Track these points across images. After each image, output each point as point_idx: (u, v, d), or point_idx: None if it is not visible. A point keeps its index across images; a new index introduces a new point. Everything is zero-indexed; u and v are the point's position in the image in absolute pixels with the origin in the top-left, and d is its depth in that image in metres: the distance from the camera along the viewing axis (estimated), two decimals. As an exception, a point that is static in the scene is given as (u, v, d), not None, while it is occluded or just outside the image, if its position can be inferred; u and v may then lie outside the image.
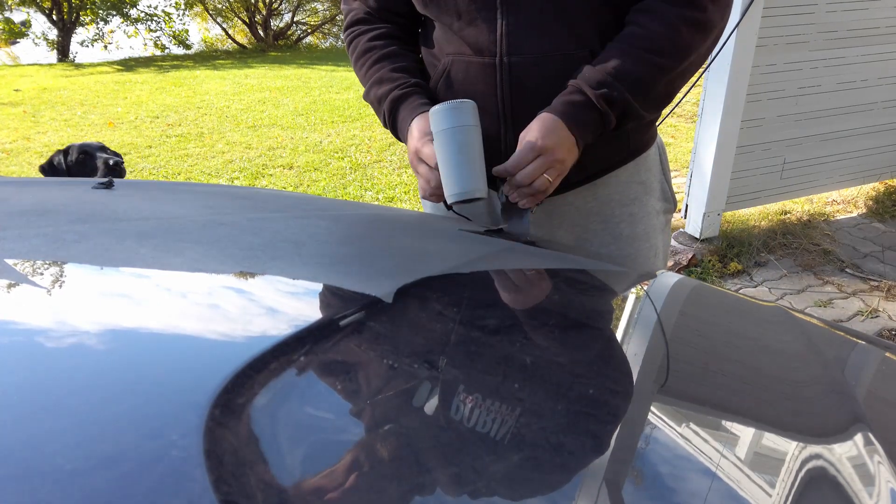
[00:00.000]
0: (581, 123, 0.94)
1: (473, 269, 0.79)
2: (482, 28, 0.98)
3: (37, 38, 13.71)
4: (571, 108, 0.94)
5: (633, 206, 1.12)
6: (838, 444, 0.56)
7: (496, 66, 0.99)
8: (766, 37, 2.85)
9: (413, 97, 1.04)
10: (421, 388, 0.50)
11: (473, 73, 1.01)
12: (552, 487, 0.43)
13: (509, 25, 0.97)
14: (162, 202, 0.92)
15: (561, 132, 0.93)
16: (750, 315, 0.86)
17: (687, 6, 0.93)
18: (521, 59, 0.98)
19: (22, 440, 0.39)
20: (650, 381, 0.59)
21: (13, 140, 5.51)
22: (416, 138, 0.99)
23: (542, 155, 0.93)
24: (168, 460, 0.38)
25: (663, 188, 1.17)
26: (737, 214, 3.43)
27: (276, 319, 0.58)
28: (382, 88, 1.07)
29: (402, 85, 1.05)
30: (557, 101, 0.95)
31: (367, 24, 1.13)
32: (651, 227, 1.15)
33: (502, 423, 0.47)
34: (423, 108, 1.01)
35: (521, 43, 0.97)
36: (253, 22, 14.11)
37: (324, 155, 4.95)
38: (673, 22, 0.93)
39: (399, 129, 1.07)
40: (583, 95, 0.94)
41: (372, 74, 1.09)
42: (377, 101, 1.09)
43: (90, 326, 0.53)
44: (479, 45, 0.99)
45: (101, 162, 2.35)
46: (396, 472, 0.42)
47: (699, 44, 0.95)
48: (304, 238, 0.79)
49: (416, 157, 1.00)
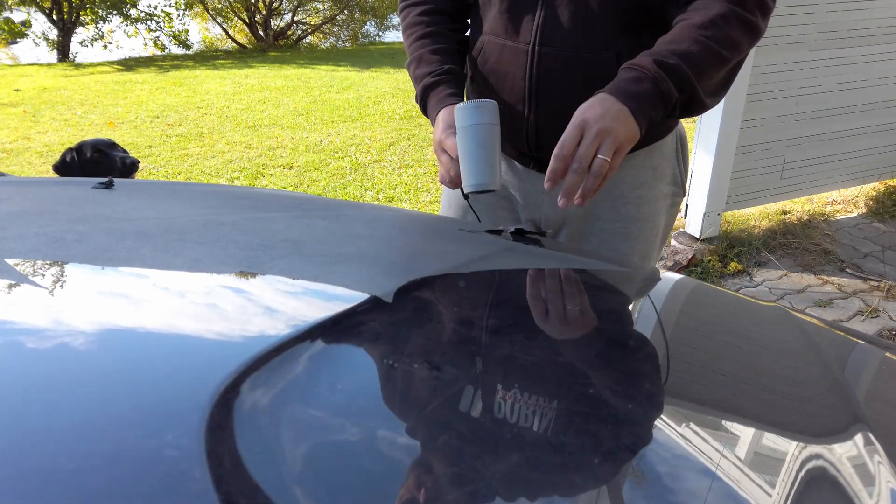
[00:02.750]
0: (633, 94, 0.91)
1: (473, 269, 0.79)
2: (522, 16, 1.06)
3: (37, 38, 13.70)
4: (621, 82, 0.93)
5: (642, 189, 1.16)
6: (838, 444, 0.56)
7: (528, 53, 1.06)
8: (766, 37, 2.83)
9: (442, 86, 1.11)
10: (421, 388, 0.50)
11: (507, 55, 1.09)
12: (552, 487, 0.43)
13: (546, 18, 1.04)
14: (162, 202, 0.92)
15: (605, 102, 0.91)
16: (750, 315, 0.86)
17: (739, 4, 0.96)
18: (551, 50, 1.05)
19: (22, 440, 0.39)
20: (650, 381, 0.59)
21: (13, 140, 5.51)
22: (440, 129, 1.06)
23: (585, 129, 0.90)
24: (168, 460, 0.38)
25: (675, 174, 1.20)
26: (737, 214, 3.43)
27: (276, 319, 0.58)
28: (420, 69, 1.14)
29: (435, 72, 1.12)
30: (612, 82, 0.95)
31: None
32: (657, 209, 1.19)
33: (502, 422, 0.47)
34: (450, 99, 1.08)
35: (553, 36, 1.04)
36: (253, 22, 14.11)
37: (324, 155, 4.95)
38: (730, 18, 0.95)
39: (428, 114, 1.14)
40: (633, 69, 0.93)
41: (415, 50, 1.16)
42: (415, 79, 1.16)
43: (90, 326, 0.53)
44: (517, 31, 1.07)
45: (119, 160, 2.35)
46: (396, 472, 0.42)
47: (746, 44, 0.97)
48: (304, 238, 0.79)
49: (440, 147, 1.06)
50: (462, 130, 0.98)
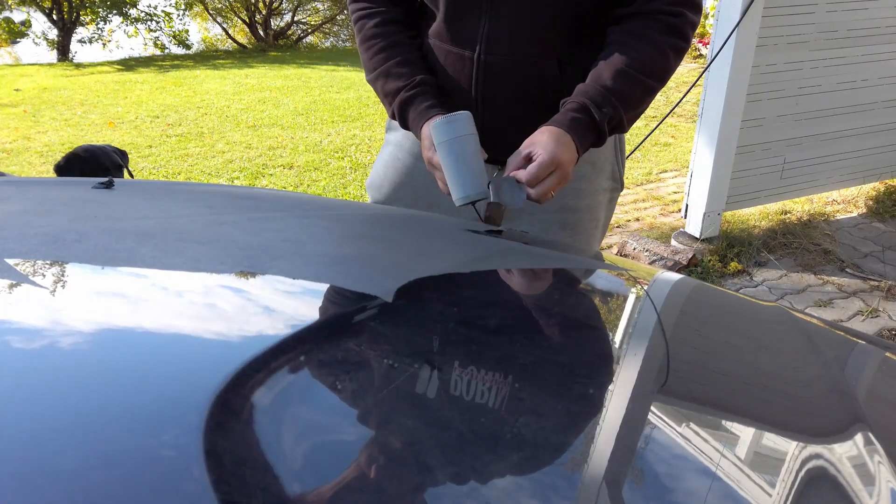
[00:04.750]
0: (585, 140, 1.02)
1: (473, 268, 0.79)
2: (467, 24, 1.09)
3: (37, 38, 13.72)
4: (579, 125, 1.01)
5: (580, 182, 1.21)
6: (838, 444, 0.56)
7: (473, 61, 1.10)
8: (766, 37, 2.85)
9: (420, 98, 1.11)
10: (420, 388, 0.50)
11: (451, 60, 1.12)
12: (552, 487, 0.43)
13: (491, 27, 1.07)
14: (162, 202, 0.92)
15: (571, 147, 1.00)
16: (750, 315, 0.86)
17: (676, 36, 1.04)
18: (496, 58, 1.09)
19: (22, 440, 0.39)
20: (650, 381, 0.59)
21: (13, 140, 5.51)
22: (426, 147, 1.07)
23: (558, 169, 0.99)
24: (168, 460, 0.38)
25: (613, 170, 1.26)
26: (737, 214, 3.43)
27: (276, 319, 0.58)
28: (391, 84, 1.14)
29: (408, 85, 1.12)
30: (565, 117, 1.02)
31: (372, 4, 1.18)
32: (596, 202, 1.25)
33: (502, 422, 0.47)
34: (431, 111, 1.09)
35: (497, 44, 1.08)
36: (253, 21, 14.11)
37: (324, 155, 4.95)
38: (665, 50, 1.04)
39: (410, 128, 1.15)
40: (588, 114, 1.02)
41: (378, 64, 1.15)
42: (385, 94, 1.16)
43: (90, 326, 0.53)
44: (461, 39, 1.10)
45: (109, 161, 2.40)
46: (396, 472, 0.42)
47: (676, 68, 1.07)
48: (305, 238, 0.79)
49: (430, 164, 1.08)
50: (441, 147, 1.00)
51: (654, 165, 4.45)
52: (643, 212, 3.71)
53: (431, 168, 1.08)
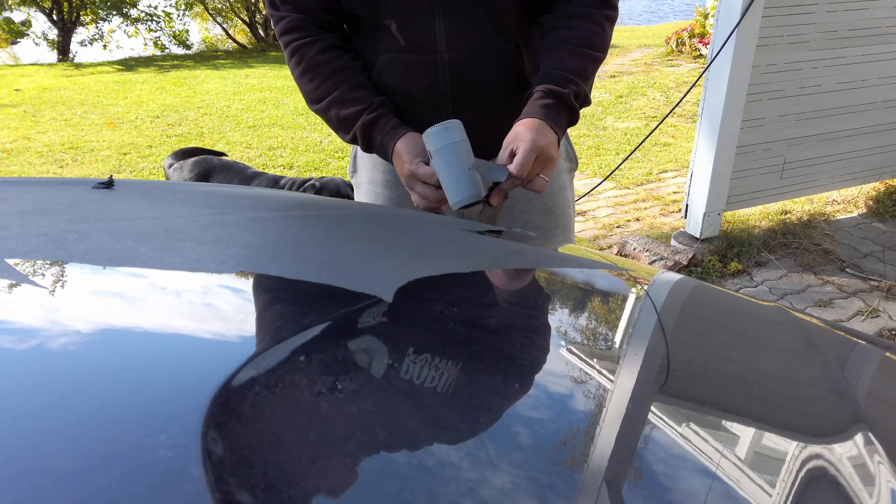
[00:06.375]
0: (559, 121, 1.06)
1: (473, 268, 0.79)
2: (420, 29, 1.09)
3: (37, 38, 13.71)
4: (549, 109, 1.05)
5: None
6: (838, 444, 0.56)
7: (437, 63, 1.11)
8: (766, 37, 2.85)
9: (384, 119, 1.12)
10: (420, 388, 0.50)
11: (412, 69, 1.12)
12: (552, 487, 0.43)
13: (447, 26, 1.09)
14: (162, 202, 0.92)
15: (549, 133, 1.04)
16: (750, 315, 0.86)
17: (607, 7, 1.12)
18: (461, 54, 1.11)
19: (22, 440, 0.39)
20: (650, 381, 0.59)
21: (13, 140, 5.51)
22: (406, 161, 1.07)
23: (541, 153, 1.02)
24: (168, 460, 0.38)
25: (567, 150, 1.33)
26: (737, 214, 3.42)
27: (276, 319, 0.58)
28: (347, 110, 1.13)
29: (368, 108, 1.12)
30: (534, 107, 1.06)
31: (307, 33, 1.14)
32: (563, 182, 1.33)
33: (503, 422, 0.47)
34: (399, 130, 1.10)
35: (457, 40, 1.10)
36: (253, 22, 14.10)
37: (324, 155, 4.95)
38: (600, 21, 1.11)
39: (374, 149, 1.14)
40: (555, 96, 1.06)
41: (328, 91, 1.13)
42: (340, 121, 1.14)
43: (90, 326, 0.53)
44: (418, 44, 1.10)
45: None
46: (396, 471, 0.42)
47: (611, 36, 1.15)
48: (305, 238, 0.79)
49: (413, 178, 1.07)
50: (437, 153, 1.02)
51: (654, 165, 4.45)
52: (643, 212, 3.71)
53: (412, 182, 1.07)
